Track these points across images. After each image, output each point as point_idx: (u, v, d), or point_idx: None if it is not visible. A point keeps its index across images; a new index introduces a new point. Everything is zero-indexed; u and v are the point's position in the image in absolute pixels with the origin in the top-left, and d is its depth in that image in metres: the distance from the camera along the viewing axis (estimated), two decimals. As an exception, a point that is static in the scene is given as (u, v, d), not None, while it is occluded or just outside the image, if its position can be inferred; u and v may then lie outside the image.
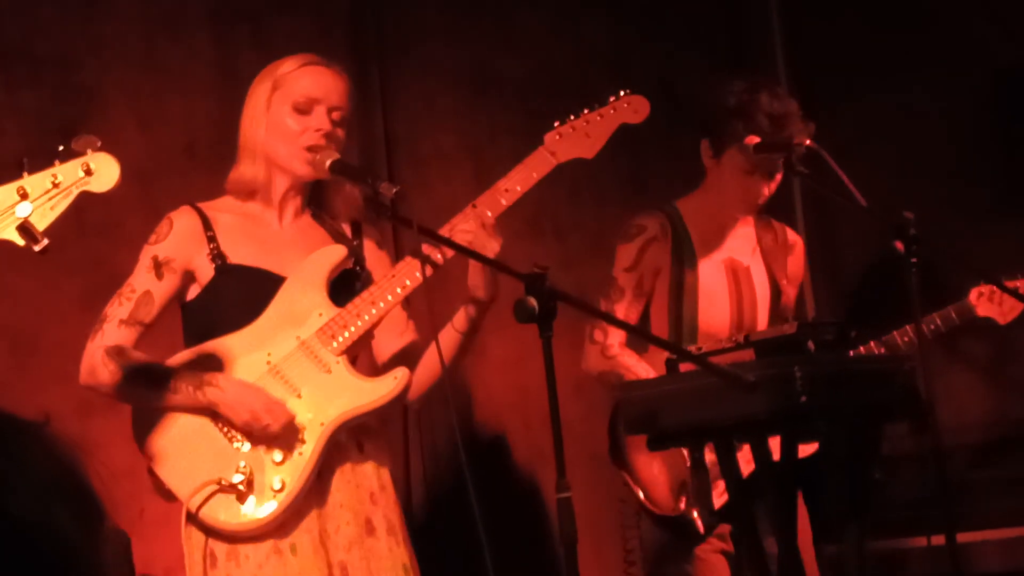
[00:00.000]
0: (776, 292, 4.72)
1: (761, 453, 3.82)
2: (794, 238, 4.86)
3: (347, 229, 3.97)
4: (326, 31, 5.22)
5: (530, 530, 5.21)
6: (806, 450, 3.97)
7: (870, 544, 3.99)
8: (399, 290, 3.78)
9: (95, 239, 4.51)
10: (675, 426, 3.80)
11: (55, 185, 3.11)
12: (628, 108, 3.99)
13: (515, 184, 3.86)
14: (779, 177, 4.57)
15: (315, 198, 3.93)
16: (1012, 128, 5.80)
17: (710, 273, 4.66)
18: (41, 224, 3.09)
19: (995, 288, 4.73)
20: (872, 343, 4.63)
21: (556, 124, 3.92)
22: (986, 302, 4.75)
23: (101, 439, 4.43)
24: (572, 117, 3.93)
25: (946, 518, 4.05)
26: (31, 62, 4.69)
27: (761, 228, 4.77)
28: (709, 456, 3.88)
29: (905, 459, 4.53)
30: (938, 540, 3.97)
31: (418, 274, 3.78)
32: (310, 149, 3.78)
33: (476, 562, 3.49)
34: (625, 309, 4.64)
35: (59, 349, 4.41)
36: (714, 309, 4.63)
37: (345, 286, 3.84)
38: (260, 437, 3.67)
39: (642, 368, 4.52)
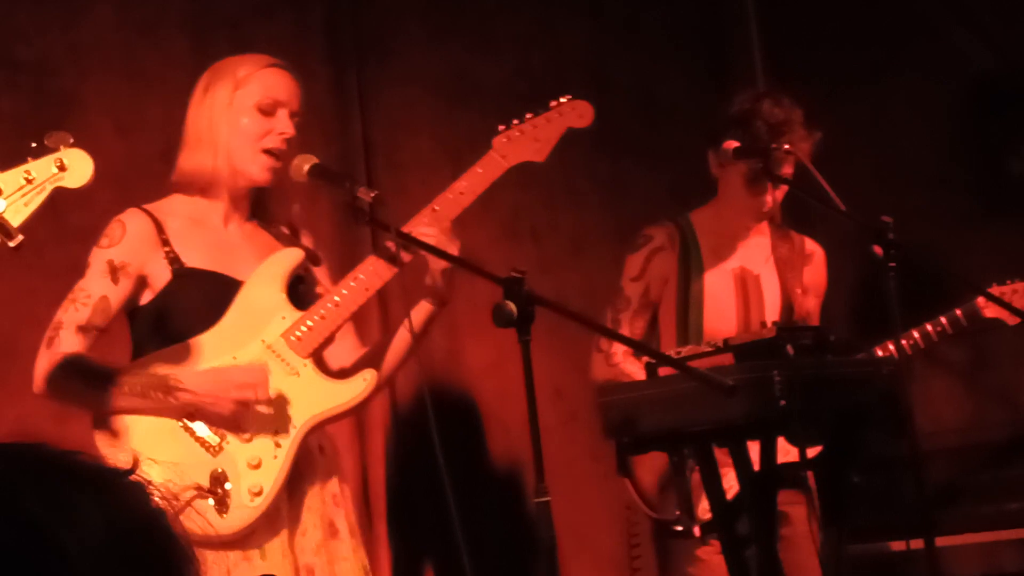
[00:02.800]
0: (787, 302, 4.71)
1: (740, 458, 3.82)
2: (812, 248, 4.84)
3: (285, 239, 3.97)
4: (304, 36, 5.21)
5: (508, 534, 5.21)
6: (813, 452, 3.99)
7: (849, 548, 4.00)
8: (354, 285, 3.79)
9: (73, 244, 4.48)
10: (653, 430, 3.80)
11: (28, 181, 3.09)
12: (573, 112, 4.04)
13: (468, 187, 3.89)
14: (785, 186, 4.56)
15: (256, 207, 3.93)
16: (990, 134, 5.81)
17: (717, 282, 4.66)
18: (15, 220, 3.07)
19: (1004, 290, 4.72)
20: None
21: (501, 128, 3.95)
22: (994, 304, 4.70)
23: (79, 444, 4.41)
24: (518, 121, 3.97)
25: (925, 522, 4.05)
26: (9, 67, 4.67)
27: (777, 238, 4.76)
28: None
29: (884, 463, 4.52)
30: (917, 544, 3.97)
31: (372, 271, 3.79)
32: (270, 152, 3.78)
33: (454, 566, 3.49)
34: (631, 318, 4.65)
35: (36, 355, 4.39)
36: (720, 317, 4.63)
37: (292, 289, 3.85)
38: (244, 422, 3.65)
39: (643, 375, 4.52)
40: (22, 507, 1.24)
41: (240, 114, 3.78)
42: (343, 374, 3.86)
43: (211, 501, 3.59)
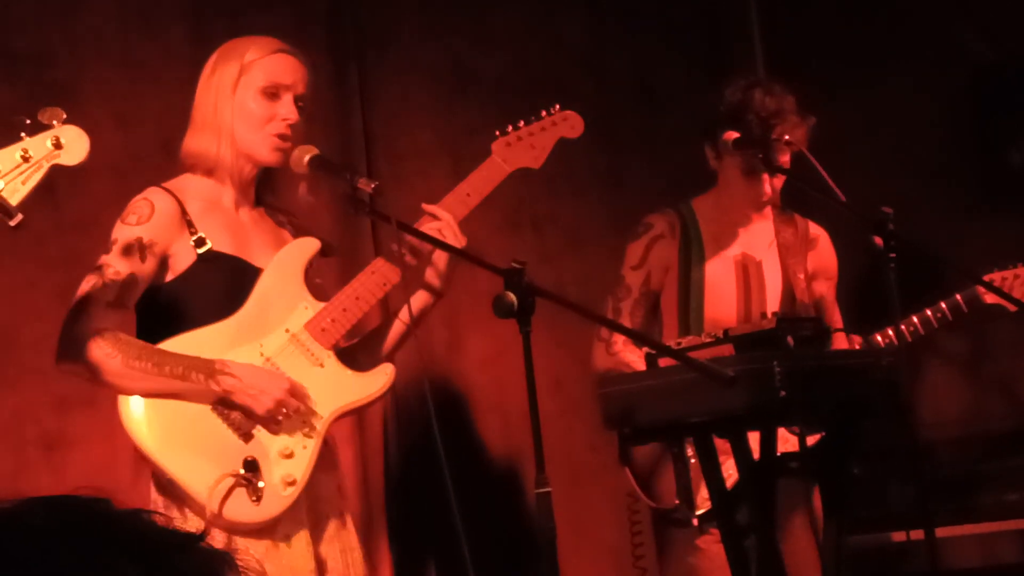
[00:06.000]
0: (788, 288, 4.69)
1: (740, 449, 3.82)
2: (817, 232, 4.80)
3: (289, 228, 3.98)
4: (304, 27, 5.20)
5: (509, 525, 5.21)
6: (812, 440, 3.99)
7: (848, 539, 4.00)
8: (373, 279, 3.83)
9: (72, 235, 4.49)
10: (653, 421, 3.80)
11: (25, 159, 3.07)
12: (565, 123, 4.09)
13: (473, 190, 3.93)
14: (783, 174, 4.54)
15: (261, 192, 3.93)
16: (989, 125, 5.81)
17: (718, 269, 4.65)
18: (14, 199, 3.05)
19: (1006, 275, 4.70)
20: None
21: (498, 133, 4.01)
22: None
23: (79, 434, 4.42)
24: (512, 127, 4.02)
25: (925, 513, 4.05)
26: (7, 58, 4.66)
27: (781, 223, 4.73)
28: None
29: (884, 454, 4.53)
30: (917, 535, 3.97)
31: (387, 266, 3.82)
32: (279, 138, 3.78)
33: (454, 557, 3.48)
34: (632, 307, 4.64)
35: (36, 345, 4.38)
36: (721, 305, 4.62)
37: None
38: (275, 421, 3.66)
39: (642, 364, 4.51)
40: (49, 564, 1.17)
41: (245, 99, 3.79)
42: (357, 365, 3.88)
43: (246, 489, 3.61)
